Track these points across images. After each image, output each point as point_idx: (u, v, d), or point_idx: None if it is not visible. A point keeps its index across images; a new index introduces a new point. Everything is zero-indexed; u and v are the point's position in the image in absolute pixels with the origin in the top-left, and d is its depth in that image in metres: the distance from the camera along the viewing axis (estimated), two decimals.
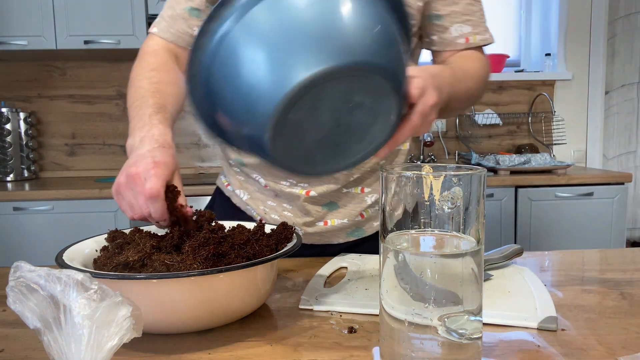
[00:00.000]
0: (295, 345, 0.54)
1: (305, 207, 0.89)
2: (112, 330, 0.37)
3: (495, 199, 2.27)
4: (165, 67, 0.85)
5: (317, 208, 0.89)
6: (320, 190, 0.88)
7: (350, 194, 0.91)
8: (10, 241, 2.17)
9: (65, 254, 0.59)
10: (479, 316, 0.44)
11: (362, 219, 0.93)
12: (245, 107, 0.50)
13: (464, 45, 0.89)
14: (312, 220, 0.90)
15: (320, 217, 0.90)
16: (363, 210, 0.92)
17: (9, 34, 2.34)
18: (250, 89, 0.49)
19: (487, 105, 2.88)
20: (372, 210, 0.93)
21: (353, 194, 0.91)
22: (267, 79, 0.49)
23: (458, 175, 0.41)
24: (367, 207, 0.92)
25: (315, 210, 0.89)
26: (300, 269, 0.81)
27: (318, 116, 0.52)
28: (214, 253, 0.58)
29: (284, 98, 0.48)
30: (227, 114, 0.53)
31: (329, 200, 0.90)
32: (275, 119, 0.49)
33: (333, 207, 0.90)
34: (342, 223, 0.91)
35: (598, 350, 0.51)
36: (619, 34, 2.93)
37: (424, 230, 0.43)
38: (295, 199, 0.89)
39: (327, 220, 0.91)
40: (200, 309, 0.55)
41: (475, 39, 0.89)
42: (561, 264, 0.84)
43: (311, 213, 0.89)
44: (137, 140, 0.70)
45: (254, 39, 0.50)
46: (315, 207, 0.89)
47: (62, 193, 2.15)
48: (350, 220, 0.91)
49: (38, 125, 2.73)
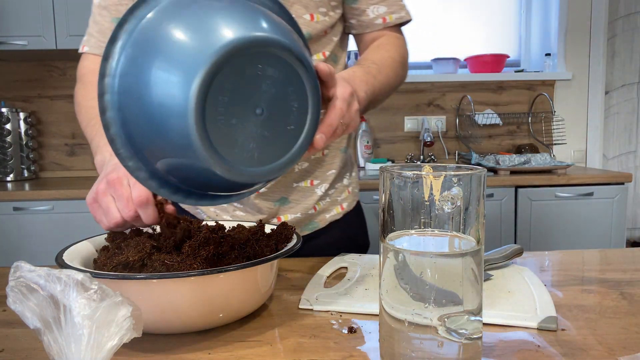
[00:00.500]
0: (295, 345, 0.54)
1: (257, 205, 0.90)
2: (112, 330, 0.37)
3: (495, 199, 2.27)
4: None
5: (269, 205, 0.90)
6: (268, 185, 0.88)
7: (300, 187, 0.92)
8: (10, 241, 2.17)
9: (65, 254, 0.59)
10: (479, 316, 0.44)
11: (315, 212, 0.94)
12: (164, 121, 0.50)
13: (382, 26, 0.93)
14: (265, 217, 0.91)
15: (273, 213, 0.91)
16: (315, 203, 0.94)
17: (9, 34, 2.34)
18: (161, 102, 0.49)
19: (487, 105, 2.88)
20: (323, 203, 0.95)
21: (303, 188, 0.93)
22: (174, 84, 0.48)
23: (458, 175, 0.41)
24: (319, 200, 0.94)
25: (267, 207, 0.90)
26: (300, 269, 0.81)
27: (238, 108, 0.52)
28: (214, 253, 0.58)
29: (196, 86, 0.47)
30: (153, 142, 0.52)
31: (280, 196, 0.91)
32: (195, 113, 0.48)
33: (284, 202, 0.92)
34: (295, 217, 0.92)
35: (598, 350, 0.51)
36: (619, 34, 2.93)
37: (424, 230, 0.43)
38: (246, 198, 0.89)
39: (280, 216, 0.92)
40: (200, 309, 0.55)
41: (392, 18, 0.94)
42: (561, 264, 0.84)
43: (263, 210, 0.90)
44: (107, 155, 0.71)
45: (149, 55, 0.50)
46: (267, 203, 0.90)
47: (62, 193, 2.15)
48: (304, 214, 0.93)
49: (38, 125, 2.73)
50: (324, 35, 0.90)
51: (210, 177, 0.53)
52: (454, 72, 2.85)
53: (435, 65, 2.86)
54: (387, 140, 2.87)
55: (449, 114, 2.88)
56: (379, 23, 0.93)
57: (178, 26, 0.50)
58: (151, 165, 0.54)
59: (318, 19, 0.87)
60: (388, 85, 0.87)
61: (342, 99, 0.62)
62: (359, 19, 0.93)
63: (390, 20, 0.93)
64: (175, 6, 0.52)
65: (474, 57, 2.83)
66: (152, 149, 0.52)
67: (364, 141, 2.75)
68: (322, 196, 0.94)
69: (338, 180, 0.98)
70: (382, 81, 0.84)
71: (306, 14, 0.86)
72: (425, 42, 2.98)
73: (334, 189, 0.97)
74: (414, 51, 2.97)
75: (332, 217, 0.97)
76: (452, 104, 2.87)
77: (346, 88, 0.63)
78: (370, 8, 0.92)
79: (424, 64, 2.96)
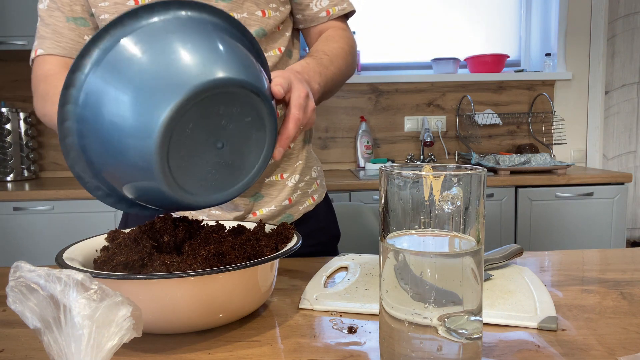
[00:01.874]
0: (295, 345, 0.54)
1: (233, 202, 0.91)
2: (112, 330, 0.37)
3: (495, 199, 2.27)
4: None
5: (245, 201, 0.92)
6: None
7: (271, 182, 0.95)
8: (10, 241, 2.17)
9: (65, 254, 0.59)
10: (479, 316, 0.44)
11: (289, 204, 0.97)
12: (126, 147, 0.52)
13: (326, 18, 0.96)
14: (241, 214, 0.92)
15: (249, 209, 0.93)
16: (288, 195, 0.96)
17: (9, 34, 2.34)
18: (127, 124, 0.51)
19: (487, 105, 2.88)
20: (295, 195, 0.98)
21: (274, 182, 0.95)
22: (135, 122, 0.51)
23: (458, 175, 0.41)
24: (292, 192, 0.97)
25: (243, 203, 0.92)
26: (300, 269, 0.81)
27: (200, 144, 0.55)
28: (214, 253, 0.58)
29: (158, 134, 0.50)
30: (109, 158, 0.54)
31: (254, 192, 0.93)
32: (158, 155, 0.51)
33: (259, 197, 0.94)
34: (270, 211, 0.94)
35: (598, 350, 0.51)
36: (619, 34, 2.93)
37: (424, 230, 0.43)
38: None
39: (255, 211, 0.93)
40: (200, 309, 0.55)
41: (335, 10, 0.96)
42: (561, 264, 0.84)
43: (239, 207, 0.92)
44: None
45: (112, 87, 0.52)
46: (243, 200, 0.92)
47: (62, 193, 2.15)
48: (278, 206, 0.95)
49: (38, 125, 2.73)
50: (278, 31, 0.92)
51: (170, 202, 0.56)
52: (454, 72, 2.85)
53: (435, 65, 2.86)
54: (387, 140, 2.87)
55: (449, 114, 2.88)
56: (323, 16, 0.96)
57: (152, 57, 0.52)
58: (107, 183, 0.57)
59: (270, 15, 0.89)
60: (340, 74, 0.89)
61: (298, 106, 0.65)
62: (303, 13, 0.96)
63: (333, 12, 0.96)
64: (150, 35, 0.53)
65: (474, 57, 2.83)
66: (108, 166, 0.54)
67: (364, 141, 2.75)
68: (293, 188, 0.97)
69: (306, 173, 1.01)
70: (334, 71, 0.86)
71: (258, 10, 0.87)
72: (425, 42, 2.98)
73: (304, 181, 1.00)
74: (414, 51, 2.97)
75: (305, 209, 1.00)
76: (452, 104, 2.87)
77: (301, 91, 0.66)
78: (314, 2, 0.95)
79: (424, 64, 2.96)
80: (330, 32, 0.96)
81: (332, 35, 0.95)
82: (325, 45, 0.91)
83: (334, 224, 1.10)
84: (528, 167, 2.40)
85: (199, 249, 0.59)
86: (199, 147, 0.55)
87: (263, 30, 0.88)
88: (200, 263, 0.56)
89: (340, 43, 0.93)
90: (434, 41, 2.99)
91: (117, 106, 0.51)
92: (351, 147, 2.84)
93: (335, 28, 0.97)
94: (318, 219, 1.03)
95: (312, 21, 0.97)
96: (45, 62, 0.87)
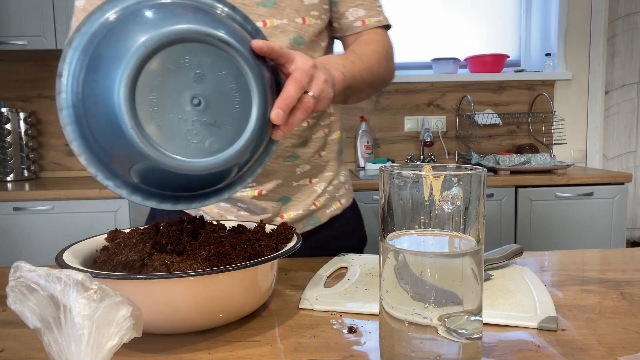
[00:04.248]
0: (295, 345, 0.54)
1: (260, 206, 0.91)
2: (112, 330, 0.37)
3: (495, 199, 2.27)
4: None
5: (272, 204, 0.92)
6: (269, 187, 0.91)
7: (299, 186, 0.95)
8: (10, 241, 2.17)
9: (65, 254, 0.59)
10: (479, 316, 0.44)
11: (316, 208, 0.97)
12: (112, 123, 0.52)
13: (361, 28, 0.94)
14: (269, 216, 0.92)
15: (276, 212, 0.93)
16: (315, 199, 0.96)
17: (9, 34, 2.34)
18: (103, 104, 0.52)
19: (487, 105, 2.88)
20: (323, 199, 0.98)
21: (302, 186, 0.95)
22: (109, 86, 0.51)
23: (458, 175, 0.41)
24: (318, 196, 0.97)
25: (271, 206, 0.92)
26: (300, 269, 0.81)
27: (171, 101, 0.53)
28: (214, 253, 0.58)
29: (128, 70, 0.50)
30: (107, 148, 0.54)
31: (282, 195, 0.93)
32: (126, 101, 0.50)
33: (287, 201, 0.94)
34: (298, 214, 0.95)
35: (598, 350, 0.51)
36: (619, 34, 2.93)
37: (424, 230, 0.43)
38: (248, 199, 0.91)
39: (283, 214, 0.94)
40: (200, 309, 0.55)
41: (371, 21, 0.95)
42: (561, 264, 0.84)
43: (267, 210, 0.92)
44: None
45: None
46: (270, 203, 0.92)
47: (62, 193, 2.15)
48: (305, 210, 0.95)
49: (38, 125, 2.73)
50: (316, 40, 0.91)
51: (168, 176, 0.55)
52: (454, 72, 2.85)
53: (435, 65, 2.86)
54: (387, 140, 2.87)
55: (449, 114, 2.88)
56: (359, 25, 0.94)
57: (113, 38, 0.53)
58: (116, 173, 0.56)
59: (310, 22, 0.88)
60: (371, 74, 0.87)
61: (301, 70, 0.61)
62: (339, 22, 0.95)
63: (369, 23, 0.95)
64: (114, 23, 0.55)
65: (474, 57, 2.83)
66: (109, 154, 0.54)
67: (364, 141, 2.75)
68: (321, 193, 0.97)
69: (335, 178, 1.01)
70: (363, 68, 0.84)
71: (298, 17, 0.87)
72: (425, 42, 2.98)
73: (332, 185, 1.00)
74: (414, 51, 2.97)
75: (332, 212, 1.00)
76: (452, 104, 2.87)
77: (307, 61, 0.62)
78: (350, 11, 0.94)
79: (424, 64, 2.96)
80: (365, 36, 0.95)
81: (365, 39, 0.94)
82: (357, 46, 0.90)
83: (361, 227, 1.09)
84: (528, 167, 2.40)
85: (199, 249, 0.59)
86: (172, 102, 0.53)
87: (301, 38, 0.87)
88: (200, 263, 0.56)
89: (374, 46, 0.91)
90: (434, 41, 2.99)
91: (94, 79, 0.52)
92: (351, 147, 2.84)
93: (371, 33, 0.95)
94: (345, 223, 1.02)
95: (347, 30, 0.95)
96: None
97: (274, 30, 0.85)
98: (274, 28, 0.85)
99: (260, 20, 0.84)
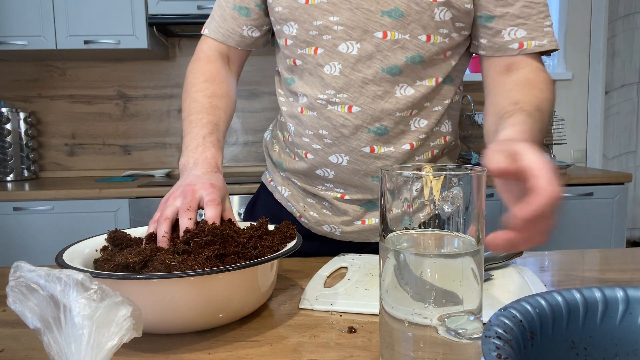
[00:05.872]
0: (295, 345, 0.54)
1: (343, 207, 0.90)
2: (112, 330, 0.37)
3: (495, 199, 2.27)
4: (218, 77, 0.90)
5: (356, 207, 0.90)
6: (355, 197, 0.89)
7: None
8: (10, 241, 2.17)
9: (65, 254, 0.59)
10: (479, 316, 0.44)
11: None
12: None
13: (516, 52, 0.80)
14: (350, 219, 0.91)
15: (359, 216, 0.91)
16: None
17: (9, 34, 2.34)
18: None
19: None
20: None
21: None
22: None
23: (458, 175, 0.41)
24: None
25: (354, 209, 0.90)
26: (300, 269, 0.81)
27: None
28: (215, 253, 0.58)
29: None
30: None
31: (367, 200, 0.90)
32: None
33: (372, 207, 0.90)
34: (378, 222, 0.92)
35: None
36: (619, 34, 2.93)
37: (424, 230, 0.43)
38: (332, 200, 0.90)
39: (365, 219, 0.91)
40: (200, 309, 0.54)
41: (531, 44, 0.80)
42: (561, 264, 0.84)
43: (349, 212, 0.90)
44: (190, 162, 0.76)
45: None
46: (354, 206, 0.90)
47: (62, 193, 2.15)
48: None
49: (38, 125, 2.73)
50: (442, 58, 0.83)
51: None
52: None
53: None
54: None
55: None
56: (514, 48, 0.80)
57: None
58: None
59: (435, 41, 0.79)
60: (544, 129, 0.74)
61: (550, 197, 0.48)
62: (491, 39, 0.82)
63: (528, 46, 0.80)
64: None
65: (474, 57, 2.83)
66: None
67: None
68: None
69: None
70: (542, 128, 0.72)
71: (423, 34, 0.78)
72: None
73: None
74: None
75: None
76: None
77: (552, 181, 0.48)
78: (507, 30, 0.80)
79: None
80: (530, 74, 0.79)
81: (534, 81, 0.77)
82: (534, 97, 0.74)
83: None
84: None
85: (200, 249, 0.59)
86: None
87: (420, 57, 0.79)
88: (201, 263, 0.56)
89: (547, 94, 0.76)
90: None
91: None
92: None
93: (533, 69, 0.79)
94: None
95: (499, 50, 0.82)
96: (205, 42, 0.95)
97: (392, 45, 0.78)
98: (393, 42, 0.78)
99: (381, 31, 0.78)
